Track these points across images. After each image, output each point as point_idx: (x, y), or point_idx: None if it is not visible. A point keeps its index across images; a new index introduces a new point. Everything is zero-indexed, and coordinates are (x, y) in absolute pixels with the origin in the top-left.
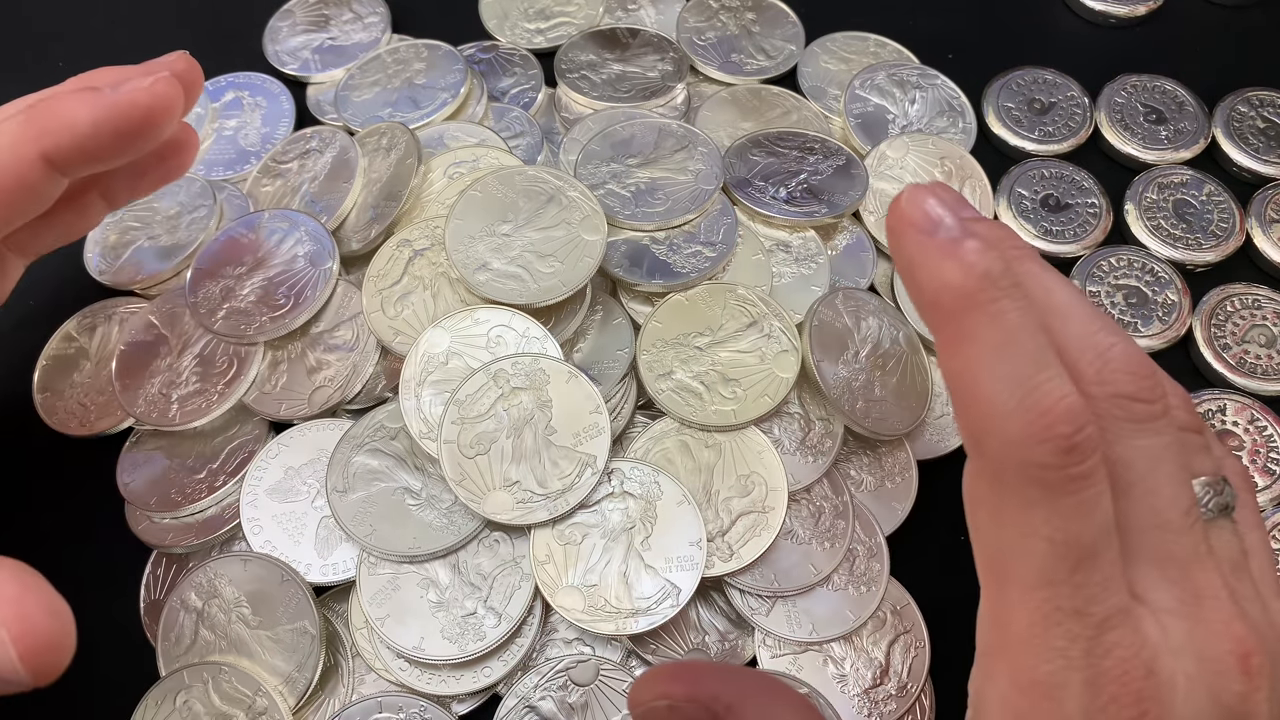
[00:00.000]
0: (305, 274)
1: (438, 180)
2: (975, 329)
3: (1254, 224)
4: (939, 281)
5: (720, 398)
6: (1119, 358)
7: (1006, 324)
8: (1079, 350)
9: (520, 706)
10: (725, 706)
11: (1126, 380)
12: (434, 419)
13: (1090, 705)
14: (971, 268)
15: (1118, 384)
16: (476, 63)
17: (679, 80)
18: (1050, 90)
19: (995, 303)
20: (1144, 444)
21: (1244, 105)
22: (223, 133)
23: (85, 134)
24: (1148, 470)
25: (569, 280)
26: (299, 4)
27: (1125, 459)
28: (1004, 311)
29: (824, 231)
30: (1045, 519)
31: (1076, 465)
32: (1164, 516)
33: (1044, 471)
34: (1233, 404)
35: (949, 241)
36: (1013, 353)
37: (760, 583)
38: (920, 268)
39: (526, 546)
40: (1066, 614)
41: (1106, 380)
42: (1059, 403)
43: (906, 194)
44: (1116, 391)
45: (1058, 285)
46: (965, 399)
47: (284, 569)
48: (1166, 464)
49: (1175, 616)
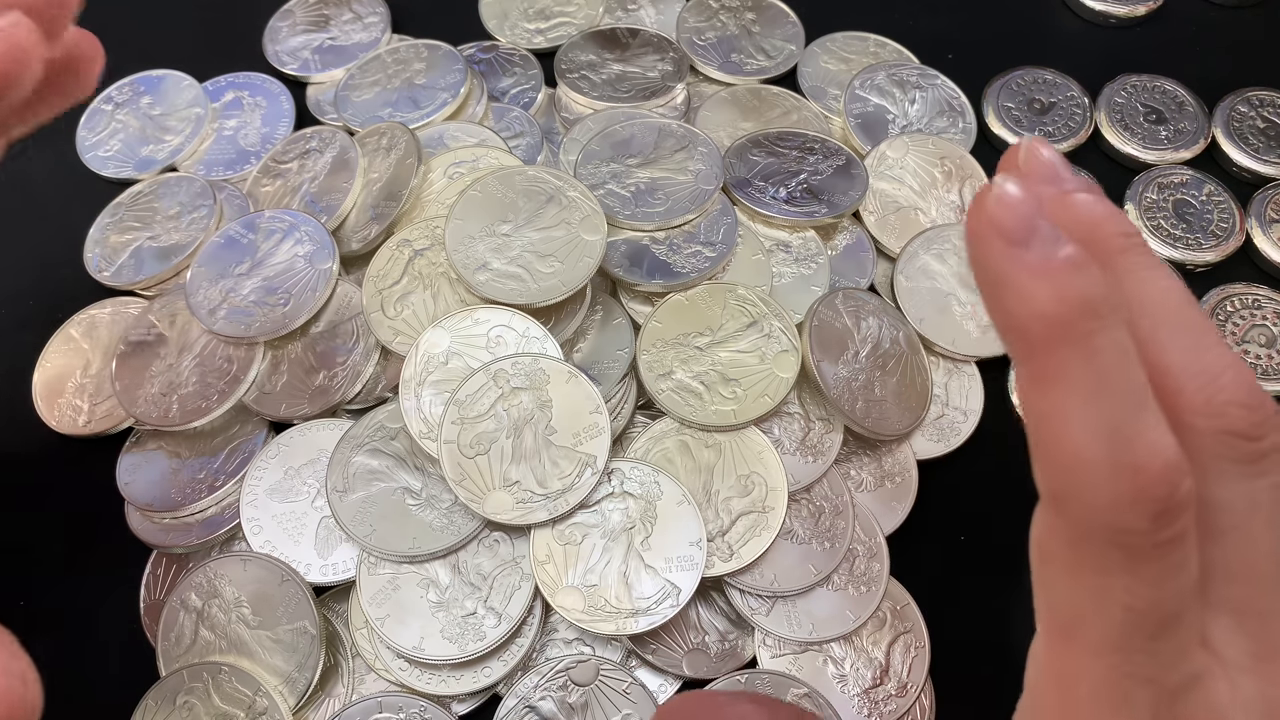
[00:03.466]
0: (305, 274)
1: (438, 180)
2: (1067, 368)
3: (1254, 224)
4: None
5: (720, 398)
6: (1231, 385)
7: (1103, 363)
8: (1186, 372)
9: (520, 707)
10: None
11: (1238, 415)
12: (434, 419)
13: None
14: (1067, 292)
15: (1228, 418)
16: (476, 63)
17: (679, 80)
18: (1050, 90)
19: (1093, 337)
20: (1246, 488)
21: (1244, 105)
22: (223, 133)
23: None
24: (1247, 516)
25: (569, 280)
26: (299, 4)
27: (1224, 502)
28: (1101, 350)
29: (824, 231)
30: (1126, 585)
31: (1167, 529)
32: (1258, 569)
33: (1130, 537)
34: None
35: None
36: (1108, 398)
37: (760, 583)
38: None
39: (526, 546)
40: (1138, 682)
41: (1216, 413)
42: (1156, 459)
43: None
44: (1226, 428)
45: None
46: (1048, 446)
47: (284, 569)
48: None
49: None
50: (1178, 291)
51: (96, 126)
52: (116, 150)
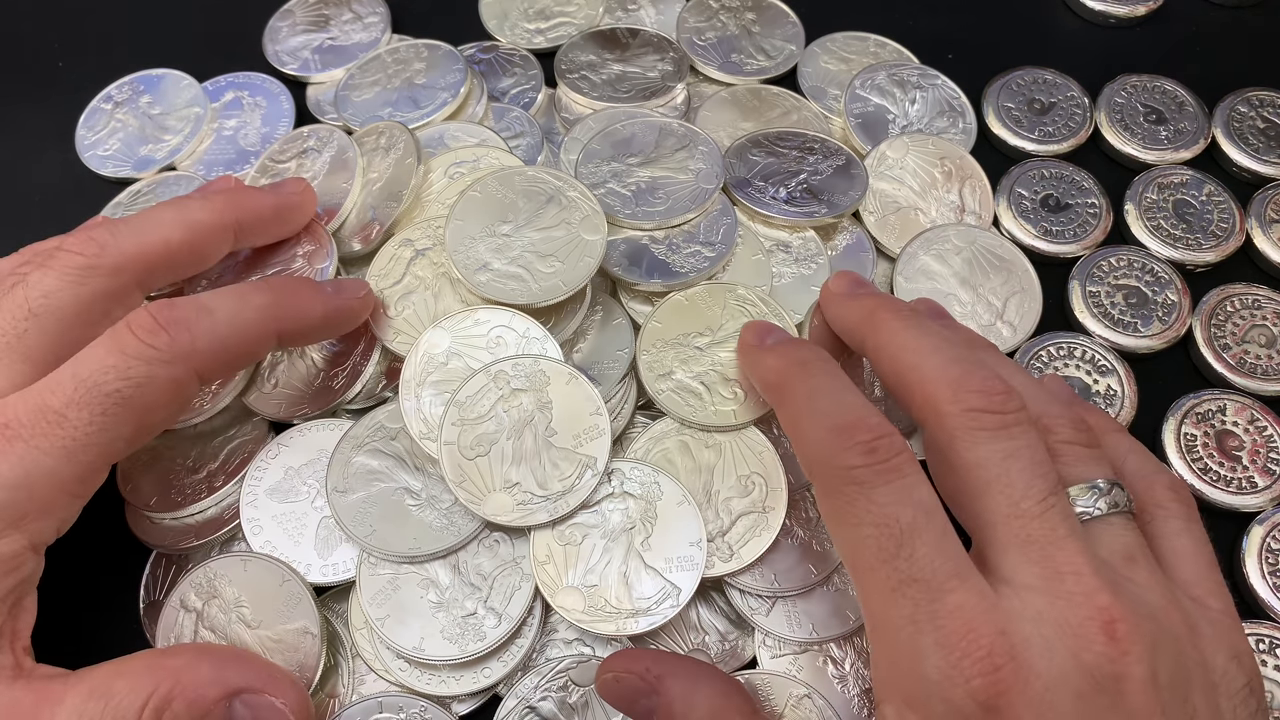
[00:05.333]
0: (301, 272)
1: (438, 180)
2: (793, 390)
3: (1254, 224)
4: (764, 368)
5: (720, 398)
6: (971, 380)
7: (814, 382)
8: (938, 381)
9: (520, 707)
10: (656, 677)
11: (976, 398)
12: (434, 419)
13: (944, 663)
14: (785, 354)
15: (969, 401)
16: (476, 63)
17: (679, 80)
18: (1050, 90)
19: (805, 368)
20: (997, 446)
21: (1244, 105)
22: (222, 133)
23: (314, 325)
24: (1002, 468)
25: (569, 280)
26: (299, 4)
27: (980, 460)
28: (812, 374)
29: (824, 231)
30: (865, 509)
31: (882, 462)
32: (1020, 505)
33: (854, 471)
34: (1233, 404)
35: (772, 344)
36: (821, 396)
37: (760, 583)
38: (754, 366)
39: (526, 547)
40: (906, 582)
41: (959, 399)
42: (859, 420)
43: (742, 330)
44: (968, 407)
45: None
46: (796, 442)
47: (284, 569)
48: (1020, 461)
49: (1035, 591)
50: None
51: (96, 125)
52: (116, 149)
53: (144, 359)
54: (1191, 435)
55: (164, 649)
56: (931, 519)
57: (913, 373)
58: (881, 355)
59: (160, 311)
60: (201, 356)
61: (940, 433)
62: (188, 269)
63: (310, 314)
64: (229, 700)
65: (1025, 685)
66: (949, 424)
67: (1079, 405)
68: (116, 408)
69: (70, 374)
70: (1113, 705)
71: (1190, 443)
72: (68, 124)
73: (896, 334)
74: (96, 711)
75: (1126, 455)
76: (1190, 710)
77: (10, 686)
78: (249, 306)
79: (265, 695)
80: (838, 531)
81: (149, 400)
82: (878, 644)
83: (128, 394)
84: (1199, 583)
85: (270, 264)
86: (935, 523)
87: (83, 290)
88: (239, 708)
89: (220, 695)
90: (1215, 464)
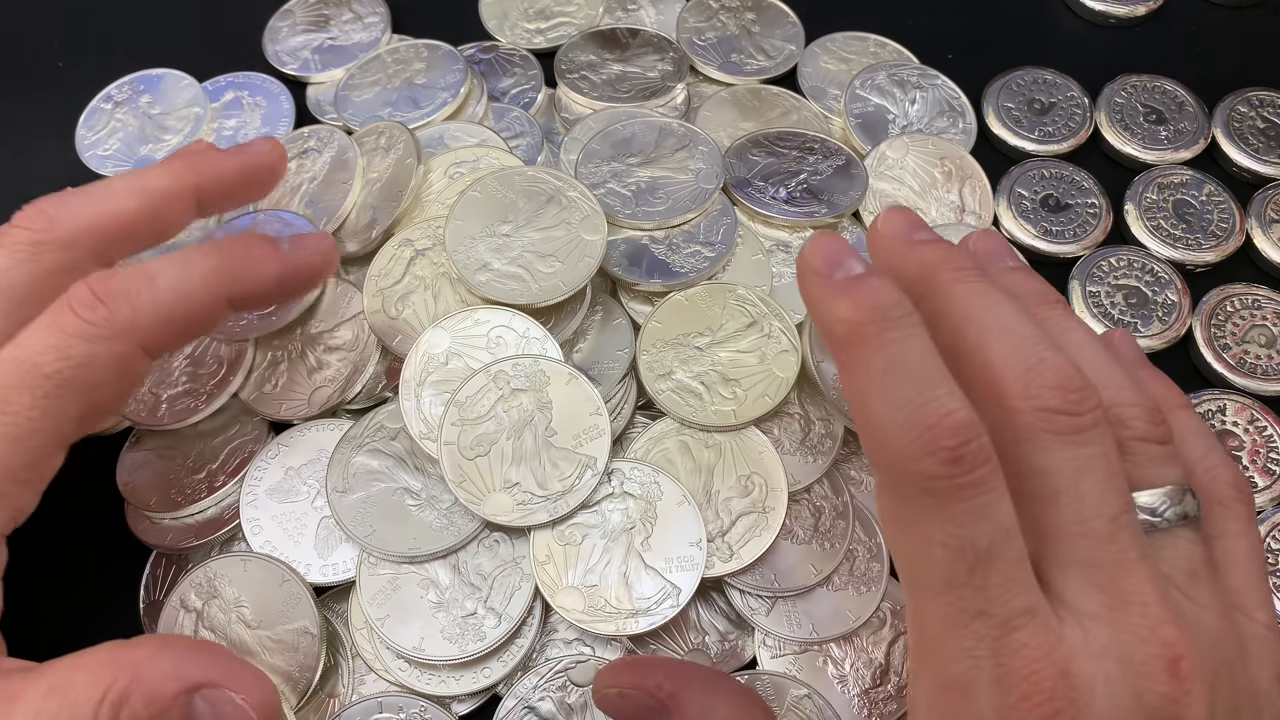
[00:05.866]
0: None
1: (438, 180)
2: (866, 357)
3: (1254, 224)
4: (832, 315)
5: (720, 398)
6: (1046, 373)
7: (894, 351)
8: (1006, 366)
9: (520, 707)
10: (668, 694)
11: (1051, 395)
12: (434, 420)
13: (1001, 703)
14: (860, 301)
15: (1042, 398)
16: (476, 63)
17: (679, 80)
18: (1050, 90)
19: (883, 333)
20: (1070, 455)
21: (1244, 105)
22: (222, 132)
23: (267, 287)
24: (1073, 480)
25: (569, 280)
26: (299, 4)
27: (1050, 469)
28: (892, 340)
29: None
30: (939, 526)
31: (965, 474)
32: (1089, 524)
33: (932, 482)
34: (1233, 404)
35: (844, 281)
36: (900, 375)
37: (760, 583)
38: (818, 305)
39: (526, 547)
40: (971, 615)
41: (1032, 395)
42: (944, 418)
43: (809, 242)
44: (1041, 405)
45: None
46: (861, 421)
47: (284, 569)
48: (1094, 473)
49: (1099, 621)
50: (1009, 309)
51: (95, 125)
52: (115, 149)
53: (83, 336)
54: None
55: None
56: (1009, 545)
57: (978, 353)
58: (941, 323)
59: (98, 284)
60: (145, 329)
61: (1005, 428)
62: (149, 239)
63: (263, 276)
64: (189, 695)
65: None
66: (1017, 421)
67: (1148, 374)
68: (58, 389)
69: (9, 357)
70: None
71: None
72: (68, 124)
73: (959, 300)
74: (53, 709)
75: (1190, 438)
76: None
77: None
78: (194, 272)
79: (225, 690)
80: (899, 539)
81: (92, 379)
82: (924, 664)
83: (69, 374)
84: (1248, 592)
85: None
86: (1012, 549)
87: (35, 267)
88: (199, 703)
89: (178, 690)
90: None
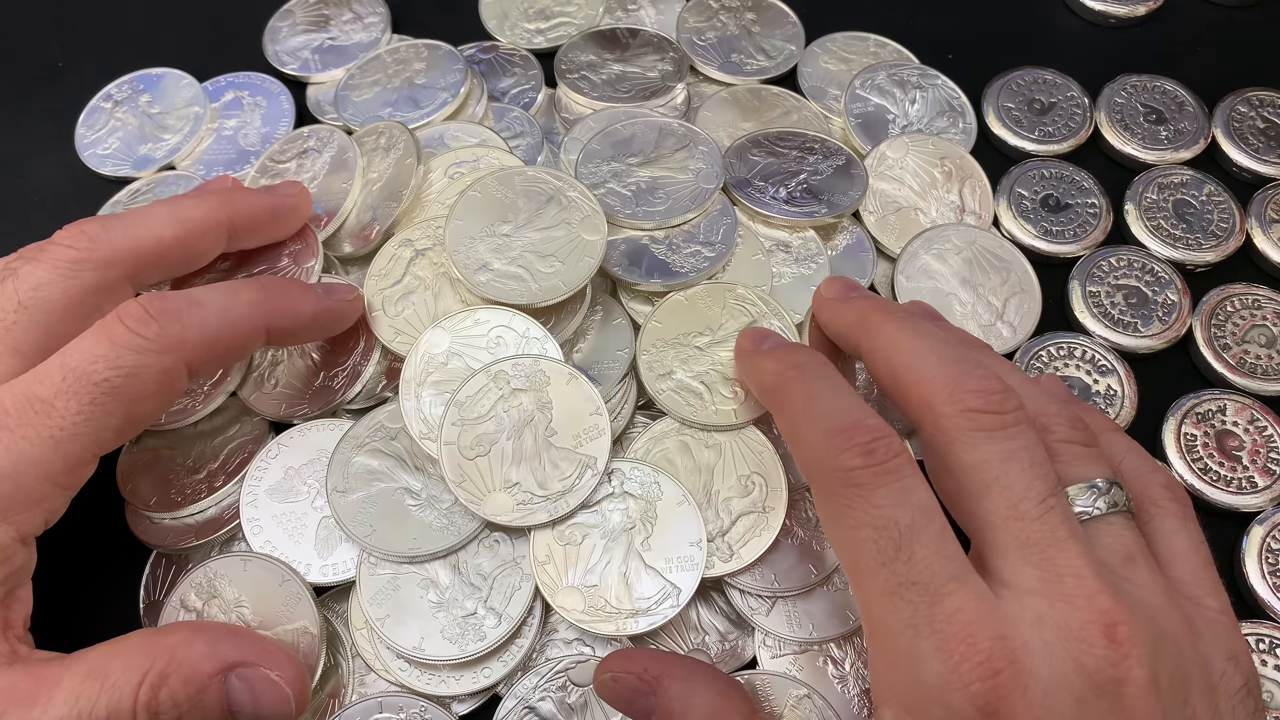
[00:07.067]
0: (288, 272)
1: (438, 180)
2: (791, 396)
3: (1254, 224)
4: (761, 372)
5: (720, 398)
6: (969, 380)
7: (812, 387)
8: (934, 381)
9: (520, 707)
10: (654, 677)
11: (974, 398)
12: (434, 419)
13: (943, 668)
14: (781, 358)
15: (966, 401)
16: (476, 63)
17: (679, 80)
18: (1050, 90)
19: (802, 376)
20: (996, 448)
21: (1244, 105)
22: (222, 132)
23: (303, 323)
24: (1001, 469)
25: (569, 280)
26: (299, 4)
27: (978, 462)
28: (809, 379)
29: (824, 231)
30: (865, 511)
31: (880, 464)
32: (1019, 508)
33: (852, 473)
34: (1233, 404)
35: (770, 348)
36: (819, 402)
37: (760, 583)
38: (751, 370)
39: (526, 547)
40: (905, 585)
41: (957, 400)
42: (857, 423)
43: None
44: (965, 408)
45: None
46: (793, 447)
47: (284, 569)
48: (1019, 462)
49: (1035, 594)
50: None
51: (95, 124)
52: (115, 148)
53: (134, 348)
54: (1191, 435)
55: (159, 628)
56: (930, 521)
57: (908, 374)
58: (876, 358)
59: (151, 303)
60: (191, 348)
61: (938, 434)
62: (180, 266)
63: (300, 313)
64: (224, 675)
65: (1025, 690)
66: (946, 425)
67: (1076, 404)
68: (105, 397)
69: (59, 364)
70: (1113, 709)
71: (1190, 443)
72: (68, 123)
73: (890, 336)
74: (93, 692)
75: (1124, 455)
76: (1190, 713)
77: (6, 672)
78: (240, 301)
79: (261, 669)
80: (836, 534)
81: (138, 390)
82: (876, 647)
83: (117, 383)
84: (1196, 582)
85: (257, 263)
86: (934, 525)
87: (73, 284)
88: (235, 682)
89: (215, 670)
90: (1215, 464)
